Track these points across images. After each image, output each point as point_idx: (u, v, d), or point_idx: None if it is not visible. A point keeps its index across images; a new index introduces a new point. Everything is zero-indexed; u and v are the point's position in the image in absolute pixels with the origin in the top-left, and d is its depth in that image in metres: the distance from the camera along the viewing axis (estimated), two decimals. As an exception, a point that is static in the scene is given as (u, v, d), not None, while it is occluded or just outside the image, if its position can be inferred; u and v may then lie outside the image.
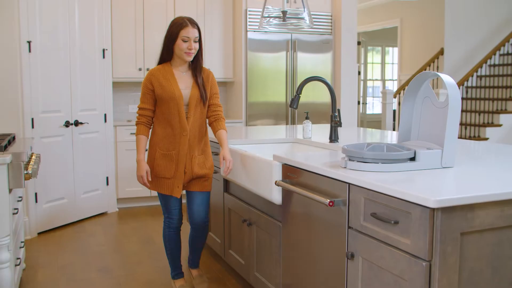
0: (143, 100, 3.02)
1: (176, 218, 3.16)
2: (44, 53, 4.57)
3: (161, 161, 3.01)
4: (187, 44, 2.92)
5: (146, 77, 3.01)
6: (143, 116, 3.02)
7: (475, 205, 1.66)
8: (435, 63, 8.63)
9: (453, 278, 1.66)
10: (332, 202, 2.07)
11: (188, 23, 2.94)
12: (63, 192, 4.86)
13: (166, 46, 2.99)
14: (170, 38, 2.96)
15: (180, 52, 2.94)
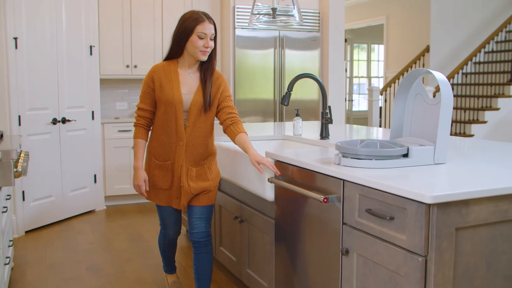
0: (143, 100, 2.73)
1: (172, 233, 2.95)
2: (30, 49, 4.51)
3: (157, 171, 2.76)
4: (204, 42, 2.60)
5: (148, 74, 2.71)
6: (141, 118, 2.75)
7: (470, 200, 1.68)
8: (421, 61, 8.69)
9: (448, 273, 1.67)
10: (326, 199, 2.08)
11: (204, 18, 2.61)
12: (51, 190, 4.82)
13: (177, 42, 2.65)
14: (183, 33, 2.61)
15: (194, 50, 2.61)
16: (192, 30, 2.59)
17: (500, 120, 7.62)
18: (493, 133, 7.57)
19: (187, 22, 2.60)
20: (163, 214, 2.88)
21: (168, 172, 2.74)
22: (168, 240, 2.99)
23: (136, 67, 5.75)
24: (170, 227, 2.92)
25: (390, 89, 8.80)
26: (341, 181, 2.04)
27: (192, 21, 2.59)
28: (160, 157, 2.75)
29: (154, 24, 5.82)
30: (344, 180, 2.02)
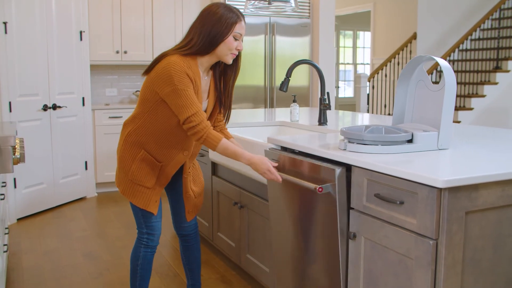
0: (192, 101, 2.23)
1: (158, 234, 2.54)
2: (20, 34, 4.44)
3: (143, 164, 2.40)
4: (237, 43, 2.33)
5: (179, 70, 2.22)
6: (205, 122, 2.25)
7: (479, 185, 1.71)
8: (408, 48, 8.74)
9: (458, 256, 1.71)
10: (321, 188, 2.08)
11: (240, 16, 2.32)
12: (42, 177, 4.77)
13: (209, 40, 2.28)
14: (220, 31, 2.28)
15: (226, 51, 2.31)
16: (231, 29, 2.29)
17: (486, 107, 7.72)
18: (479, 120, 7.67)
19: (225, 19, 2.28)
20: (146, 213, 2.47)
21: (155, 172, 2.43)
22: (151, 247, 2.53)
23: (126, 53, 5.70)
24: (156, 227, 2.52)
25: (378, 76, 8.85)
26: (333, 170, 2.05)
27: (231, 19, 2.29)
28: (153, 153, 2.42)
29: (144, 9, 5.75)
30: (352, 166, 2.03)
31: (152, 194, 2.44)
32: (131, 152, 2.41)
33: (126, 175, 2.43)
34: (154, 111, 2.35)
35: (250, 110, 4.78)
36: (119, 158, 2.46)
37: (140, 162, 2.40)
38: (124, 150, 2.43)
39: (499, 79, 7.77)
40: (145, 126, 2.38)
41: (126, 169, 2.42)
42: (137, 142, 2.40)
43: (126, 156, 2.42)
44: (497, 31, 8.18)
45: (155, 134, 2.38)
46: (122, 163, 2.44)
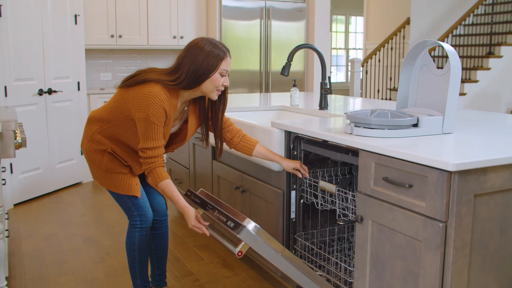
0: (157, 136, 2.27)
1: (150, 214, 2.53)
2: (15, 17, 4.38)
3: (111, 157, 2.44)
4: (224, 79, 2.32)
5: (158, 105, 2.24)
6: (159, 158, 2.29)
7: (487, 168, 1.73)
8: (402, 33, 8.75)
9: (466, 238, 1.73)
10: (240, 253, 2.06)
11: (226, 52, 2.32)
12: (38, 162, 4.75)
13: (196, 77, 2.27)
14: (206, 69, 2.27)
15: (212, 88, 2.31)
16: (217, 67, 2.28)
17: (478, 92, 7.77)
18: (472, 105, 7.73)
19: (212, 57, 2.27)
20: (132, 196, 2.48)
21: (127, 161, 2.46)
22: (146, 229, 2.53)
23: (121, 37, 5.64)
24: (147, 206, 2.52)
25: (371, 61, 8.86)
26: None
27: (216, 58, 2.27)
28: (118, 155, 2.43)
29: (139, -8, 5.70)
30: (359, 149, 2.05)
31: (131, 178, 2.46)
32: (98, 149, 2.43)
33: (99, 168, 2.45)
34: (122, 123, 2.37)
35: (246, 95, 4.77)
36: (88, 154, 2.46)
37: (110, 155, 2.43)
38: (91, 148, 2.44)
39: (491, 64, 7.81)
40: (112, 130, 2.40)
41: (98, 163, 2.44)
42: (103, 142, 2.42)
43: (95, 153, 2.43)
44: (490, 17, 8.21)
45: (121, 140, 2.41)
46: (92, 158, 2.45)
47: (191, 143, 3.76)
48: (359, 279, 2.11)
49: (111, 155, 2.42)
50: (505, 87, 7.93)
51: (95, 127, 2.44)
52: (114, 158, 2.43)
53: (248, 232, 2.00)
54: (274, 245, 2.10)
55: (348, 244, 2.77)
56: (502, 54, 7.84)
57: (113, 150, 2.42)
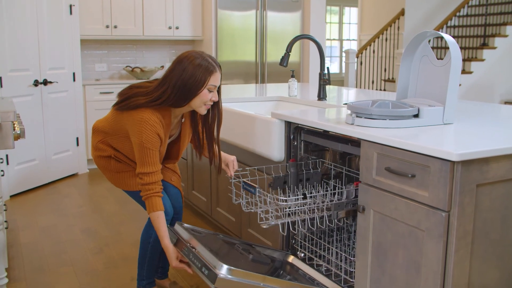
0: (153, 160, 2.27)
1: (168, 209, 2.48)
2: (10, 8, 4.34)
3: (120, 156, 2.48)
4: (212, 95, 2.28)
5: (151, 130, 2.24)
6: (157, 185, 2.29)
7: (490, 158, 1.75)
8: (396, 24, 8.75)
9: (468, 227, 1.75)
10: None
11: (216, 67, 2.27)
12: (34, 153, 4.73)
13: (184, 94, 2.23)
14: (194, 85, 2.22)
15: (200, 103, 2.28)
16: (205, 82, 2.23)
17: (473, 84, 7.80)
18: (466, 96, 7.76)
19: (199, 73, 2.22)
20: None
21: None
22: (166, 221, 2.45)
23: (116, 27, 5.61)
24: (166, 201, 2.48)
25: (366, 52, 8.86)
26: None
27: (204, 72, 2.22)
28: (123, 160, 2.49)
29: (134, -18, 5.66)
30: (361, 140, 2.06)
31: None
32: (103, 154, 2.47)
33: (110, 171, 2.50)
34: (122, 139, 2.40)
35: (242, 85, 4.77)
36: (97, 162, 2.52)
37: (117, 157, 2.46)
38: (97, 155, 2.50)
39: (485, 55, 7.83)
40: (113, 143, 2.45)
41: (107, 166, 2.49)
42: (106, 150, 2.47)
43: (101, 158, 2.49)
44: (484, 8, 8.23)
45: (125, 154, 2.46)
46: (101, 164, 2.50)
47: (189, 134, 3.75)
48: (361, 268, 2.13)
49: (116, 159, 2.47)
50: (499, 78, 7.97)
51: (99, 137, 2.49)
52: (121, 160, 2.48)
53: (222, 280, 1.98)
54: (253, 278, 2.07)
55: (347, 234, 2.79)
56: (496, 45, 7.87)
57: (115, 156, 2.46)
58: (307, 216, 2.39)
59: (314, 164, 2.64)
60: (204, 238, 2.35)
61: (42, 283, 2.88)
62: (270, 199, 2.33)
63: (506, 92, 8.10)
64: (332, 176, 2.69)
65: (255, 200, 2.45)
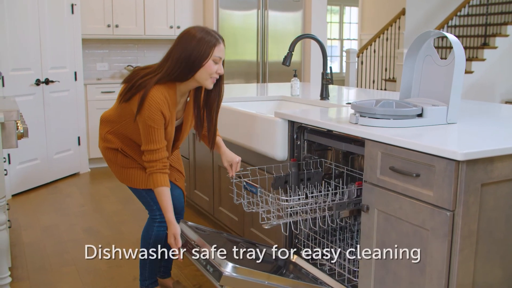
0: (156, 138, 2.25)
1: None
2: (11, 7, 4.34)
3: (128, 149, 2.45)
4: (217, 67, 2.26)
5: (154, 108, 2.21)
6: (160, 162, 2.28)
7: (494, 158, 1.75)
8: (397, 23, 8.76)
9: (473, 227, 1.76)
10: None
11: (219, 39, 2.26)
12: (36, 153, 4.73)
13: (188, 67, 2.22)
14: (198, 58, 2.21)
15: (206, 76, 2.25)
16: (210, 53, 2.22)
17: (473, 83, 7.81)
18: (467, 96, 7.76)
19: (203, 45, 2.21)
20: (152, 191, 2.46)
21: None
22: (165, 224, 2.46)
23: (118, 26, 5.61)
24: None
25: (366, 52, 8.87)
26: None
27: (208, 43, 2.22)
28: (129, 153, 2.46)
29: (135, -18, 5.66)
30: (365, 139, 2.06)
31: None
32: (111, 148, 2.45)
33: (116, 164, 2.48)
34: (129, 124, 2.38)
35: (243, 85, 4.78)
36: (103, 153, 2.51)
37: (124, 151, 2.45)
38: (105, 147, 2.48)
39: (486, 55, 7.84)
40: (121, 131, 2.43)
41: (114, 159, 2.47)
42: (114, 141, 2.45)
43: (109, 151, 2.47)
44: (485, 8, 8.23)
45: (130, 140, 2.43)
46: (107, 156, 2.49)
47: (191, 133, 3.75)
48: (364, 267, 2.13)
49: (126, 149, 2.45)
50: (500, 78, 7.98)
51: (107, 128, 2.47)
52: (127, 155, 2.46)
53: (227, 278, 1.98)
54: (258, 276, 2.08)
55: (350, 233, 2.79)
56: (497, 45, 7.87)
57: (122, 150, 2.44)
58: (309, 216, 2.39)
59: (316, 163, 2.64)
60: (208, 236, 2.35)
61: (45, 283, 2.88)
62: (271, 199, 2.33)
63: (507, 91, 8.11)
64: (334, 176, 2.69)
65: (256, 200, 2.45)
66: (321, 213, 2.37)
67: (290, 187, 2.57)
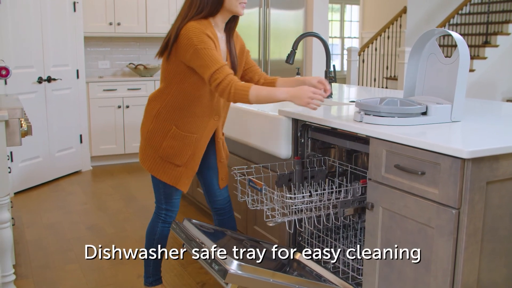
0: (215, 58, 2.15)
1: (177, 211, 2.54)
2: (14, 4, 4.34)
3: (174, 141, 2.35)
4: None
5: (196, 32, 2.17)
6: (230, 76, 2.14)
7: (500, 156, 1.75)
8: (398, 22, 8.76)
9: (478, 225, 1.76)
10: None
11: None
12: (38, 150, 4.73)
13: None
14: None
15: (234, 3, 2.25)
16: None
17: (474, 82, 7.81)
18: (468, 94, 7.75)
19: None
20: (168, 190, 2.46)
21: (189, 147, 2.37)
22: (169, 223, 2.53)
23: (119, 24, 5.61)
24: (176, 204, 2.52)
25: (367, 50, 8.86)
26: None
27: None
28: (184, 128, 2.35)
29: (137, -20, 5.66)
30: (370, 137, 2.06)
31: (183, 171, 2.40)
32: (161, 129, 2.36)
33: (156, 152, 2.38)
34: (181, 82, 2.29)
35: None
36: (147, 135, 2.40)
37: (172, 140, 2.35)
38: (154, 128, 2.37)
39: (488, 53, 7.83)
40: (174, 100, 2.33)
41: (156, 146, 2.38)
42: (168, 118, 2.34)
43: (156, 134, 2.36)
44: (486, 6, 8.23)
45: (185, 106, 2.32)
46: (150, 140, 2.39)
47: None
48: (369, 265, 2.13)
49: (173, 139, 2.34)
50: (501, 76, 7.98)
51: (158, 106, 2.36)
52: (174, 144, 2.35)
53: (232, 275, 1.98)
54: (263, 274, 2.07)
55: (353, 231, 2.80)
56: (499, 43, 7.87)
57: (178, 126, 2.34)
58: (313, 213, 2.39)
59: (319, 161, 2.64)
60: (213, 234, 2.35)
61: (49, 280, 2.89)
62: (277, 196, 2.34)
63: (508, 90, 8.11)
64: (337, 174, 2.69)
65: (261, 198, 2.46)
66: (326, 211, 2.37)
67: (294, 185, 2.57)
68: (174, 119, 2.34)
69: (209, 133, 2.41)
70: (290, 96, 2.14)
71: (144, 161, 2.43)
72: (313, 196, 2.39)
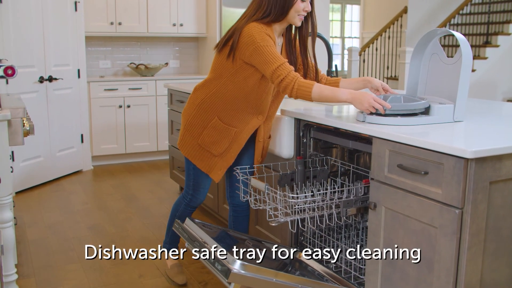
0: (276, 55, 2.24)
1: (202, 199, 2.70)
2: (15, 4, 4.34)
3: (214, 132, 2.45)
4: (304, 5, 2.33)
5: (257, 31, 2.27)
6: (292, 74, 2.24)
7: (503, 155, 1.76)
8: (399, 22, 8.76)
9: (481, 224, 1.76)
10: None
11: None
12: (39, 150, 4.73)
13: (281, 6, 2.31)
14: None
15: (294, 14, 2.33)
16: None
17: (475, 82, 7.81)
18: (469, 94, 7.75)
19: None
20: (199, 177, 2.60)
21: (227, 139, 2.47)
22: (192, 208, 2.72)
23: (121, 24, 5.61)
24: (203, 193, 2.67)
25: (368, 50, 8.87)
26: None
27: None
28: (226, 120, 2.44)
29: (138, -20, 5.66)
30: (373, 137, 2.06)
31: (218, 161, 2.51)
32: (203, 118, 2.46)
33: (195, 140, 2.50)
34: (232, 76, 2.38)
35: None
36: (188, 122, 2.51)
37: (212, 129, 2.46)
38: (196, 116, 2.48)
39: (488, 54, 7.84)
40: (220, 91, 2.42)
41: (196, 134, 2.49)
42: (211, 109, 2.45)
43: (197, 122, 2.48)
44: (487, 6, 8.23)
45: (231, 100, 2.42)
46: (191, 127, 2.50)
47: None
48: (371, 265, 2.14)
49: (213, 129, 2.45)
50: (502, 76, 7.98)
51: (202, 95, 2.47)
52: (214, 133, 2.46)
53: (235, 275, 1.99)
54: (266, 273, 2.08)
55: (355, 231, 2.80)
56: (499, 43, 7.87)
57: (220, 117, 2.44)
58: (316, 213, 2.39)
59: (321, 161, 2.64)
60: (215, 233, 2.36)
61: (51, 280, 2.89)
62: (280, 196, 2.34)
63: (509, 90, 8.11)
64: (339, 174, 2.70)
65: (263, 198, 2.46)
66: (328, 210, 2.37)
67: (296, 185, 2.57)
68: (217, 110, 2.44)
69: (250, 130, 2.49)
70: (352, 98, 2.20)
71: (182, 146, 2.55)
72: (316, 196, 2.39)
